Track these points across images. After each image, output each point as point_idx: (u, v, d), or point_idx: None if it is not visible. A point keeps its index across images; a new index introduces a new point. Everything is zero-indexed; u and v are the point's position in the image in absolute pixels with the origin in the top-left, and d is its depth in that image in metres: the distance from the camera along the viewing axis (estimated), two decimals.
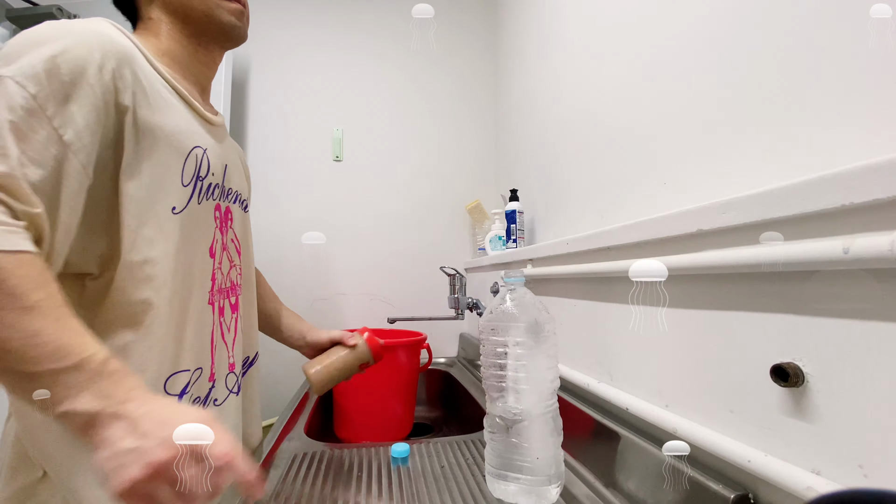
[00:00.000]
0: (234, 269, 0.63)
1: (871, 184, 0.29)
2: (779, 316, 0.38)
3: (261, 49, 1.56)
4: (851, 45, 0.35)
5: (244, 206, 0.69)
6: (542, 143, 1.09)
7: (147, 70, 0.50)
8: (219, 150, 0.59)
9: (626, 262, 0.58)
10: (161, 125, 0.49)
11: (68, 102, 0.41)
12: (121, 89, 0.45)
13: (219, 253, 0.59)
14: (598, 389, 0.63)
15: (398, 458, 0.66)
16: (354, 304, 1.52)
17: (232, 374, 0.60)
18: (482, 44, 1.66)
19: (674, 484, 0.46)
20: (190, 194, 0.53)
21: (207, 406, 0.55)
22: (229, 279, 0.62)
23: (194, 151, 0.53)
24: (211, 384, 0.56)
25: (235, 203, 0.65)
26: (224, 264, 0.60)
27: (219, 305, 0.59)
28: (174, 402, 0.45)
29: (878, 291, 0.30)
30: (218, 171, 0.58)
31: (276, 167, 1.53)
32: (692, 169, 0.53)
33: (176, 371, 0.50)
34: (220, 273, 0.59)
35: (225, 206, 0.61)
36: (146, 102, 0.48)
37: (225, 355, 0.59)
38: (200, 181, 0.54)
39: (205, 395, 0.55)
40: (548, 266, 0.85)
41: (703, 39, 0.52)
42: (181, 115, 0.53)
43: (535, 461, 0.52)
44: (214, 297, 0.57)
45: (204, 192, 0.55)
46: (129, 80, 0.46)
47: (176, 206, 0.51)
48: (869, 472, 0.31)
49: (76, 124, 0.42)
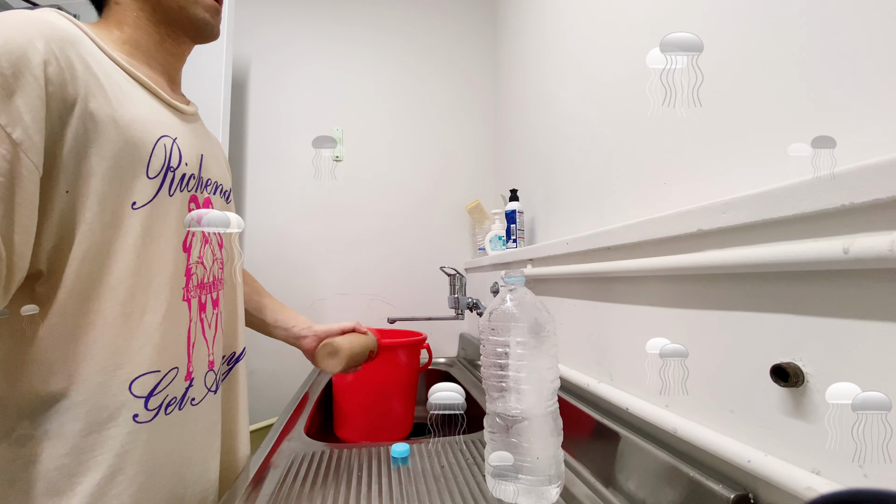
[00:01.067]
0: (217, 262, 0.61)
1: (871, 184, 0.29)
2: (779, 316, 0.38)
3: (261, 49, 1.56)
4: (852, 45, 0.35)
5: (226, 196, 0.66)
6: (542, 143, 1.09)
7: (100, 58, 0.47)
8: (192, 139, 0.57)
9: (626, 262, 0.58)
10: (118, 116, 0.46)
11: (13, 97, 0.38)
12: (68, 80, 0.42)
13: (198, 246, 0.56)
14: (598, 389, 0.63)
15: (398, 458, 0.66)
16: (354, 304, 1.52)
17: (211, 373, 0.59)
18: (482, 44, 1.66)
19: (674, 484, 0.46)
20: (158, 187, 0.50)
21: (183, 407, 0.53)
22: (212, 274, 0.59)
23: (162, 141, 0.50)
24: (188, 383, 0.54)
25: (216, 194, 0.62)
26: (207, 257, 0.58)
27: (199, 301, 0.56)
28: None
29: (878, 291, 0.30)
30: (192, 160, 0.55)
31: (276, 167, 1.53)
32: (692, 169, 0.53)
33: (145, 372, 0.48)
34: (199, 267, 0.56)
35: (204, 197, 0.59)
36: (99, 92, 0.45)
37: (204, 353, 0.57)
38: (172, 172, 0.52)
39: (181, 395, 0.53)
40: (548, 266, 0.85)
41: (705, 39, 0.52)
42: (144, 105, 0.50)
43: (536, 461, 0.52)
44: (191, 293, 0.55)
45: (177, 183, 0.52)
46: (77, 69, 0.43)
47: (137, 201, 0.48)
48: (869, 472, 0.31)
49: (24, 121, 0.39)
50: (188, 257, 0.55)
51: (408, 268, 1.55)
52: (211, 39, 0.61)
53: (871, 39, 0.34)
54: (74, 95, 0.43)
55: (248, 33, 1.53)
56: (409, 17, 1.64)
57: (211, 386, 0.59)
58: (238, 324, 0.68)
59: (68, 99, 0.43)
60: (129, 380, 0.47)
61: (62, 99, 0.42)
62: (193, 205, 0.56)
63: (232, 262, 0.66)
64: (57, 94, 0.42)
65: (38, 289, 0.44)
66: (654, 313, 0.55)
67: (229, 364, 0.67)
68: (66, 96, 0.42)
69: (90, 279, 0.45)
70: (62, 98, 0.42)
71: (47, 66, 0.41)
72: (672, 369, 0.52)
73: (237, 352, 0.68)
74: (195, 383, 0.55)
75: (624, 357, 0.61)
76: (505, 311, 0.56)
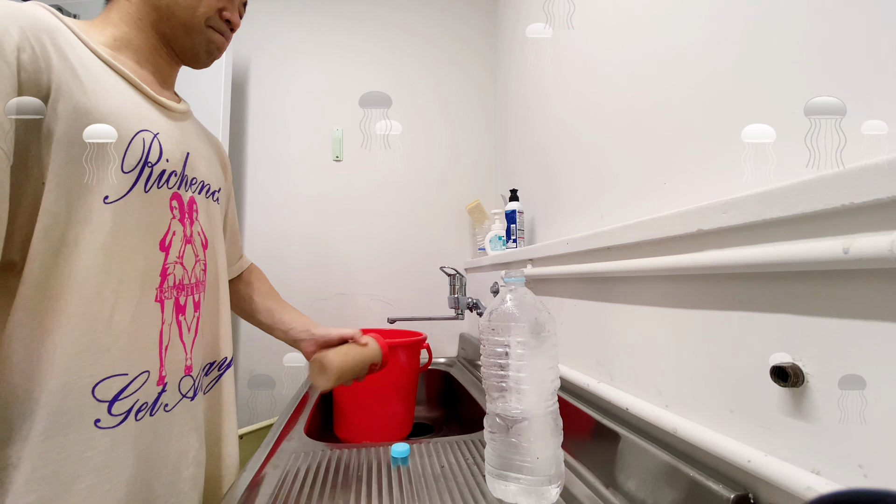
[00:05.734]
0: (199, 263, 0.59)
1: (871, 184, 0.29)
2: (779, 316, 0.38)
3: (261, 49, 1.56)
4: (852, 45, 0.35)
5: (214, 197, 0.64)
6: (541, 143, 1.09)
7: (79, 49, 0.46)
8: (178, 136, 0.56)
9: (626, 262, 0.58)
10: (94, 107, 0.45)
11: None
12: (42, 68, 0.42)
13: (178, 246, 0.54)
14: (598, 389, 0.63)
15: (398, 458, 0.66)
16: (354, 304, 1.52)
17: (188, 378, 0.56)
18: (482, 44, 1.66)
19: (674, 484, 0.46)
20: (133, 182, 0.48)
21: (155, 413, 0.51)
22: (194, 275, 0.57)
23: (140, 136, 0.49)
24: (160, 388, 0.51)
25: (201, 193, 0.60)
26: (188, 258, 0.56)
27: (177, 303, 0.54)
28: None
29: (878, 291, 0.30)
30: (175, 157, 0.54)
31: (276, 167, 1.53)
32: (692, 169, 0.53)
33: (110, 375, 0.46)
34: (178, 268, 0.54)
35: (188, 196, 0.57)
36: (76, 83, 0.44)
37: (181, 357, 0.54)
38: (150, 167, 0.50)
39: (152, 400, 0.50)
40: (548, 266, 0.85)
41: (704, 39, 0.52)
42: (124, 99, 0.49)
43: (536, 461, 0.52)
44: (166, 293, 0.53)
45: (154, 179, 0.51)
46: (52, 57, 0.43)
47: (109, 195, 0.46)
48: (869, 472, 0.31)
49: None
50: (166, 256, 0.53)
51: (408, 268, 1.55)
52: (200, 67, 0.61)
53: (871, 39, 0.34)
54: (48, 84, 0.42)
55: (248, 33, 1.52)
56: (409, 18, 1.64)
57: (187, 392, 0.56)
58: (222, 328, 0.65)
59: (42, 87, 0.42)
60: (92, 383, 0.45)
61: (36, 87, 0.41)
62: (175, 202, 0.55)
63: (217, 264, 0.64)
64: (31, 82, 0.41)
65: (11, 282, 0.43)
66: (654, 313, 0.55)
67: (220, 370, 0.65)
68: (39, 84, 0.42)
69: (54, 275, 0.43)
70: (36, 86, 0.41)
71: (21, 53, 0.40)
72: (672, 369, 0.52)
73: (226, 358, 0.66)
74: (168, 388, 0.53)
75: (624, 357, 0.61)
76: (505, 311, 0.56)
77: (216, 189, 0.65)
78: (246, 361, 1.42)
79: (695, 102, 0.53)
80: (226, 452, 0.65)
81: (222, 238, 0.68)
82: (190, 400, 0.56)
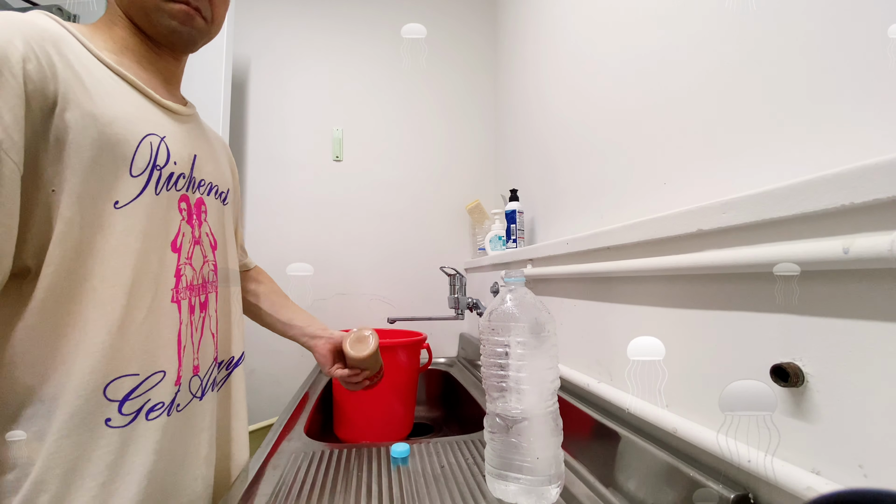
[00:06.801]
0: (208, 264, 0.59)
1: (871, 184, 0.29)
2: (779, 316, 0.38)
3: (261, 49, 1.56)
4: (852, 45, 0.35)
5: (223, 198, 0.65)
6: (542, 143, 1.09)
7: (83, 57, 0.47)
8: (185, 138, 0.56)
9: (626, 262, 0.58)
10: (99, 113, 0.45)
11: None
12: (48, 77, 0.42)
13: (187, 247, 0.55)
14: (598, 389, 0.63)
15: (398, 458, 0.66)
16: (354, 304, 1.52)
17: (196, 378, 0.56)
18: (482, 44, 1.66)
19: (674, 484, 0.46)
20: (143, 185, 0.49)
21: (171, 413, 0.52)
22: (201, 276, 0.58)
23: (148, 139, 0.50)
24: (177, 388, 0.53)
25: (210, 195, 0.61)
26: (196, 259, 0.57)
27: (189, 304, 0.55)
28: None
29: (878, 291, 0.30)
30: (182, 160, 0.55)
31: (276, 167, 1.53)
32: (692, 169, 0.53)
33: (121, 375, 0.47)
34: (189, 269, 0.55)
35: (196, 197, 0.58)
36: (82, 90, 0.45)
37: (190, 357, 0.55)
38: (158, 170, 0.51)
39: (169, 400, 0.51)
40: (548, 266, 0.85)
41: (704, 39, 0.52)
42: (130, 103, 0.50)
43: (536, 461, 0.52)
44: (181, 294, 0.54)
45: (164, 182, 0.52)
46: (57, 66, 0.43)
47: (119, 200, 0.47)
48: (869, 472, 0.31)
49: (3, 120, 0.39)
50: (178, 257, 0.53)
51: (408, 268, 1.55)
52: (189, 48, 0.58)
53: (871, 39, 0.34)
54: (55, 93, 0.43)
55: (248, 33, 1.53)
56: (409, 18, 1.64)
57: (196, 392, 0.56)
58: (233, 328, 0.66)
59: (49, 96, 0.42)
60: (104, 383, 0.46)
61: (42, 96, 0.42)
62: (184, 204, 0.55)
63: (227, 264, 0.64)
64: (37, 92, 0.41)
65: (25, 287, 0.44)
66: (654, 313, 0.55)
67: (228, 369, 0.65)
68: (46, 94, 0.42)
69: (70, 279, 0.44)
70: (42, 95, 0.42)
71: (26, 64, 0.41)
72: (672, 369, 0.52)
73: (233, 357, 0.66)
74: (182, 388, 0.54)
75: (624, 357, 0.61)
76: (505, 311, 0.56)
77: (224, 190, 0.65)
78: (246, 361, 1.42)
79: (695, 102, 0.53)
80: (236, 451, 0.66)
81: (234, 239, 0.69)
82: (199, 399, 0.57)
